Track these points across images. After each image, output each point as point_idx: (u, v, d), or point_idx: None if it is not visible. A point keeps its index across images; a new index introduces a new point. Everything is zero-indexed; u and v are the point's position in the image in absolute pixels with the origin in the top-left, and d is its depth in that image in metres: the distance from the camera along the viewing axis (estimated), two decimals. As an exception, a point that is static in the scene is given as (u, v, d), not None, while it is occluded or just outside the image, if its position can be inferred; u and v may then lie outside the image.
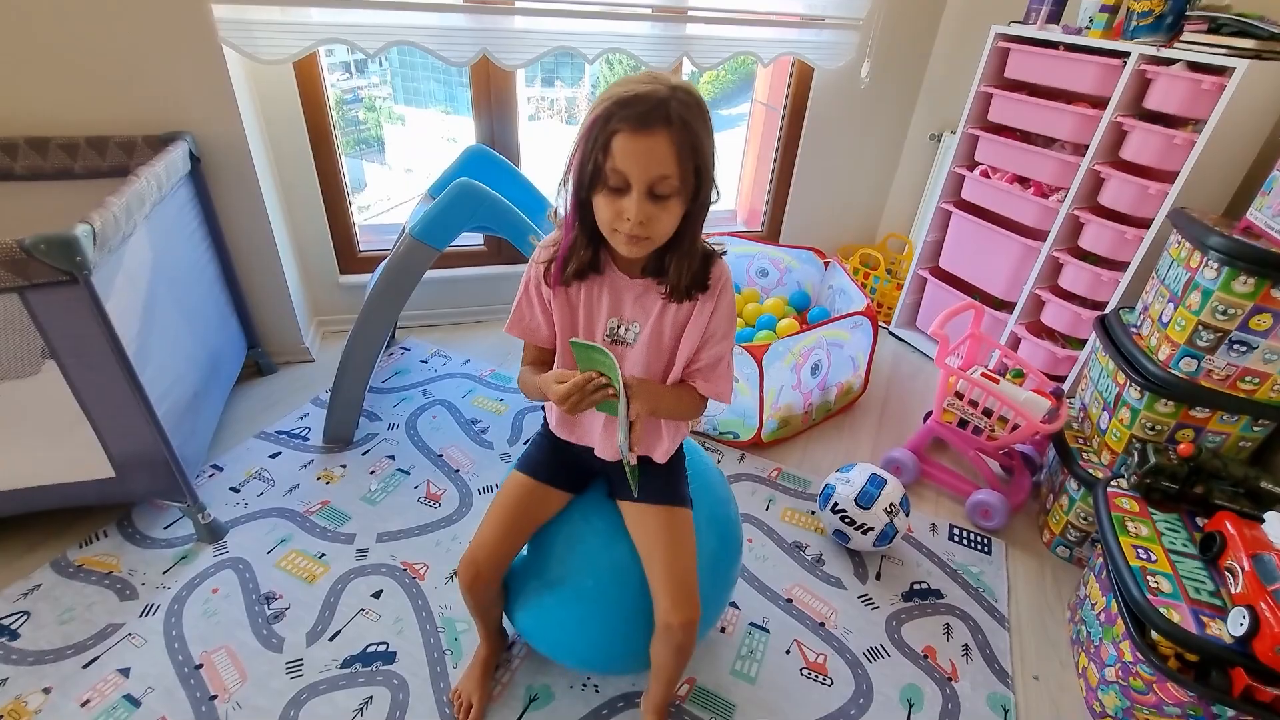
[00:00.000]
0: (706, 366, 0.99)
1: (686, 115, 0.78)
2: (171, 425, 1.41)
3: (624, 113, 0.76)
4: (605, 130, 0.78)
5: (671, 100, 0.77)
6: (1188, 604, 1.18)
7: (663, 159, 0.78)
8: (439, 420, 1.98)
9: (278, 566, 1.49)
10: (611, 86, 0.80)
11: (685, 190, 0.82)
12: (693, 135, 0.78)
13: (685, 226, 0.87)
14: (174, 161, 1.56)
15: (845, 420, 2.15)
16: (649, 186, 0.79)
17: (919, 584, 1.58)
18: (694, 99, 0.80)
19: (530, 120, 5.14)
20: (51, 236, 1.09)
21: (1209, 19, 1.62)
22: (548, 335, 1.02)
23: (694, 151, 0.79)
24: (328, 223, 2.19)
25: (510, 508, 1.10)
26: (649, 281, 0.94)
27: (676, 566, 1.02)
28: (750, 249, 2.48)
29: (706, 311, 0.95)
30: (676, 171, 0.79)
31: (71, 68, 1.58)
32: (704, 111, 0.82)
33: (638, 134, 0.77)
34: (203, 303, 1.76)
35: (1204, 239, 1.40)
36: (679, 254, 0.89)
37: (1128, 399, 1.56)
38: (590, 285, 0.95)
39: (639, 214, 0.80)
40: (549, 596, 1.13)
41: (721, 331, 0.97)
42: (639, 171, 0.78)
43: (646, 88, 0.77)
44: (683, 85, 0.80)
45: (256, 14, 1.66)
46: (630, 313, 0.97)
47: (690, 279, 0.91)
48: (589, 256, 0.92)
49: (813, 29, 2.29)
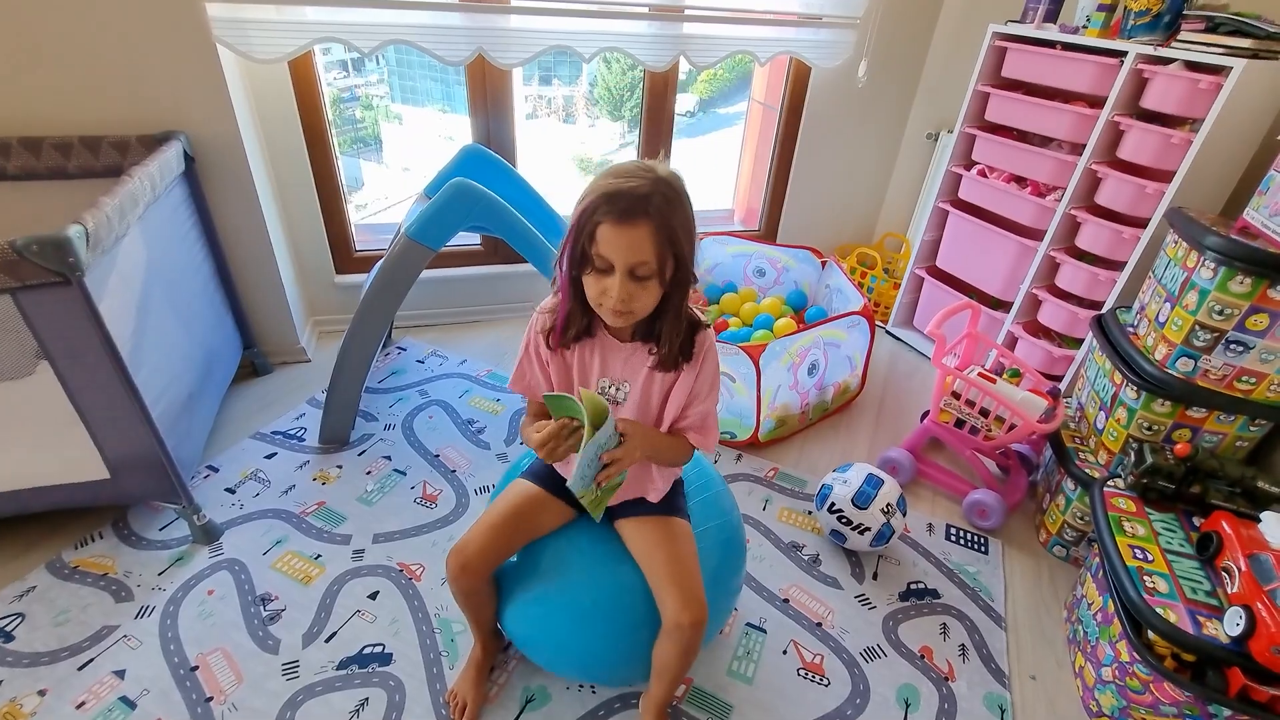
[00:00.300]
0: (695, 423, 1.07)
1: (665, 209, 0.86)
2: (166, 426, 1.41)
3: (608, 207, 0.85)
4: (591, 221, 0.86)
5: (653, 196, 0.85)
6: (1184, 604, 1.19)
7: (642, 248, 0.86)
8: (435, 420, 1.98)
9: (273, 568, 1.48)
10: (600, 177, 0.88)
11: (663, 274, 0.90)
12: (669, 228, 0.86)
13: (669, 300, 0.95)
14: (168, 161, 1.55)
15: (842, 420, 2.15)
16: (630, 269, 0.87)
17: (916, 584, 1.58)
18: (675, 193, 0.88)
19: (528, 119, 5.15)
20: (44, 238, 1.08)
21: (1206, 18, 1.62)
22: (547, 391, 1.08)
23: (670, 242, 0.87)
24: (323, 222, 2.18)
25: (510, 508, 1.12)
26: (636, 344, 1.02)
27: (680, 567, 1.06)
28: (747, 248, 2.47)
29: (691, 376, 1.03)
30: (654, 258, 0.87)
31: (65, 67, 1.57)
32: (683, 203, 0.90)
33: (620, 226, 0.85)
34: (197, 303, 1.75)
35: (1201, 239, 1.40)
36: (666, 324, 0.97)
37: (1124, 399, 1.56)
38: (584, 348, 1.04)
39: (621, 293, 0.88)
40: (546, 612, 1.12)
41: (705, 391, 1.05)
42: (620, 258, 0.86)
43: (631, 183, 0.85)
44: (665, 179, 0.87)
45: (251, 12, 1.65)
46: (620, 373, 1.04)
47: (678, 349, 0.99)
48: (584, 324, 1.00)
49: (810, 28, 2.29)
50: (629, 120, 5.22)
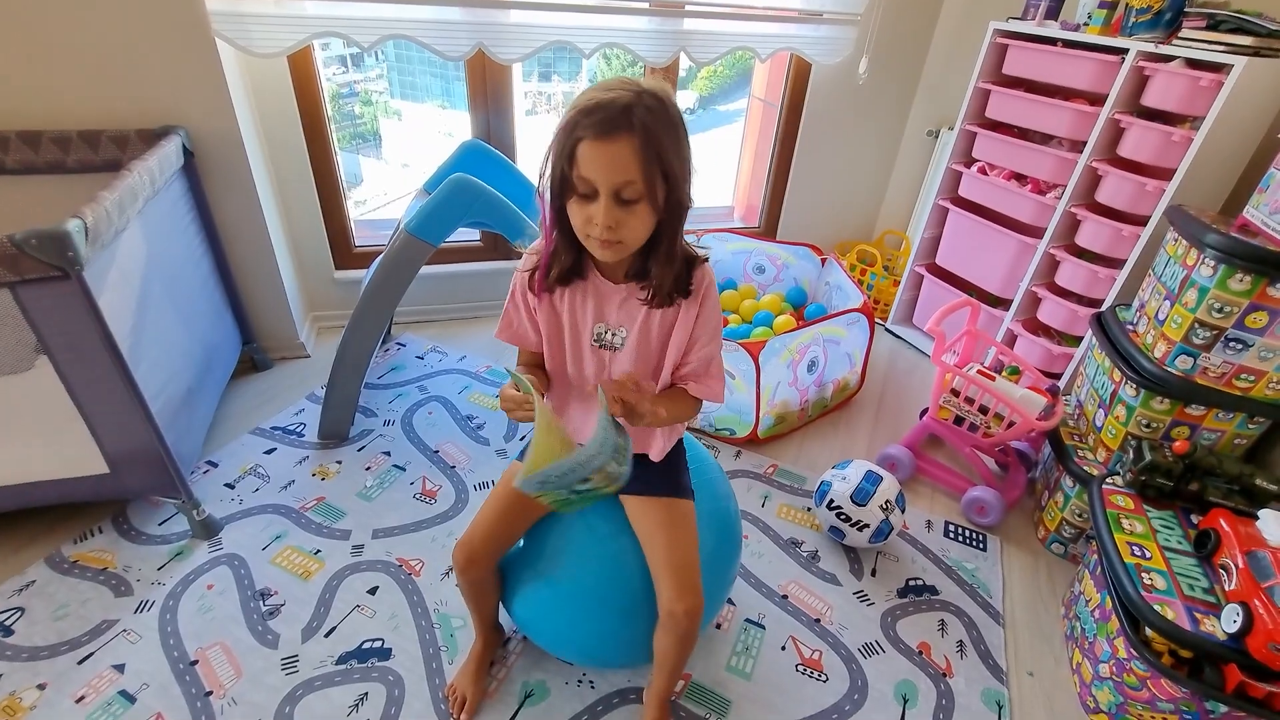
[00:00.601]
0: (697, 369, 1.01)
1: (650, 121, 0.78)
2: (166, 421, 1.41)
3: (587, 121, 0.77)
4: (570, 139, 0.79)
5: (636, 107, 0.77)
6: (1182, 601, 1.19)
7: (626, 165, 0.78)
8: (435, 416, 1.98)
9: (273, 563, 1.48)
10: (580, 95, 0.80)
11: (653, 195, 0.81)
12: (656, 141, 0.78)
13: (661, 231, 0.87)
14: (167, 156, 1.55)
15: (841, 417, 2.15)
16: (615, 191, 0.80)
17: (914, 580, 1.58)
18: (660, 104, 0.80)
19: (527, 115, 5.12)
20: (43, 232, 1.08)
21: (1207, 15, 1.61)
22: (536, 340, 1.03)
23: (658, 157, 0.79)
24: (323, 218, 2.18)
25: (509, 496, 1.10)
26: (632, 286, 0.95)
27: (678, 555, 1.04)
28: (747, 245, 2.47)
29: (691, 315, 0.96)
30: (641, 177, 0.79)
31: (64, 61, 1.57)
32: (671, 117, 0.81)
33: (600, 141, 0.77)
34: (197, 298, 1.75)
35: (1201, 236, 1.40)
36: (658, 259, 0.90)
37: (1123, 396, 1.56)
38: (574, 292, 0.97)
39: (606, 219, 0.80)
40: (549, 590, 1.13)
41: (708, 334, 0.99)
42: (603, 177, 0.79)
43: (610, 95, 0.78)
44: (650, 90, 0.80)
45: (250, 6, 1.65)
46: (616, 318, 0.98)
47: (672, 284, 0.92)
48: (570, 262, 0.93)
49: (810, 24, 2.28)
50: (629, 116, 5.20)
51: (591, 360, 1.02)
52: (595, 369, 1.03)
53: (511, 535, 1.12)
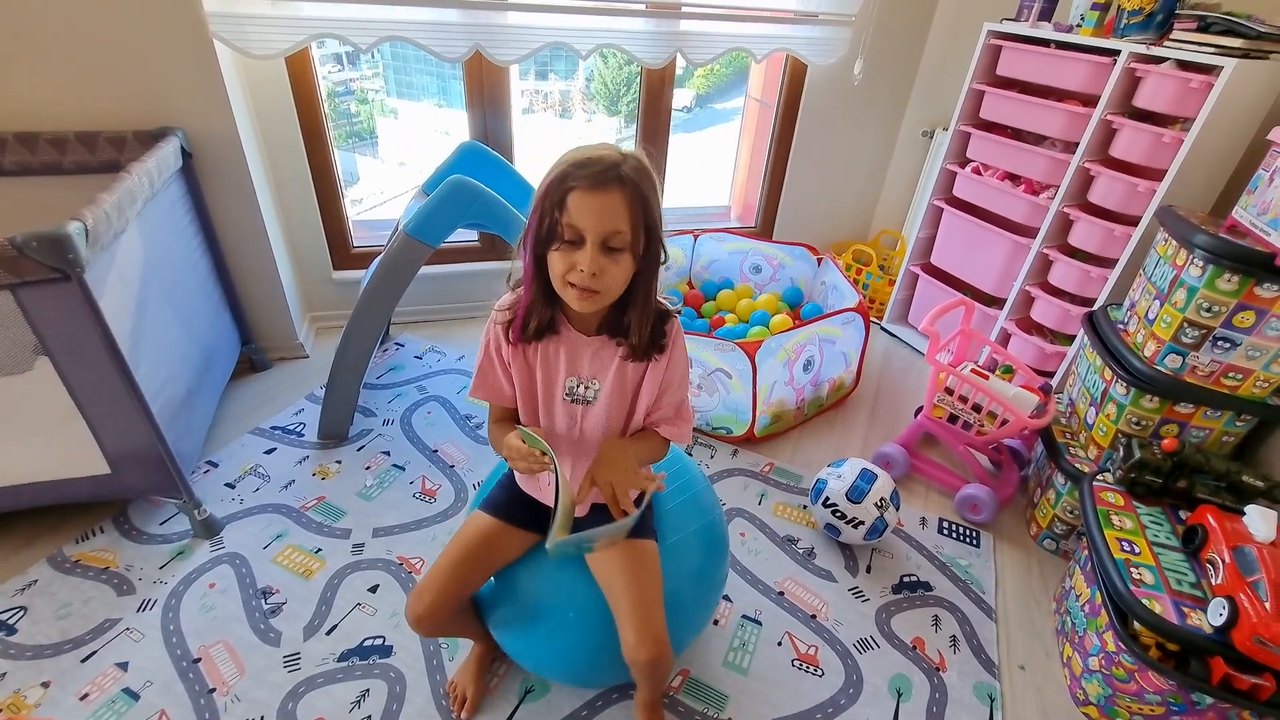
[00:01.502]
0: (668, 413, 1.04)
1: (637, 178, 0.84)
2: (166, 421, 1.42)
3: (580, 172, 0.82)
4: (561, 188, 0.83)
5: (624, 164, 0.83)
6: (1169, 595, 1.21)
7: (616, 215, 0.83)
8: (434, 416, 1.99)
9: (274, 562, 1.50)
10: (565, 153, 0.86)
11: (635, 247, 0.86)
12: (642, 197, 0.84)
13: (639, 283, 0.92)
14: (165, 157, 1.55)
15: (837, 415, 2.17)
16: (602, 240, 0.84)
17: (908, 577, 1.60)
18: (644, 167, 0.86)
19: (524, 114, 5.13)
20: (43, 234, 1.09)
21: (1198, 18, 1.63)
22: (511, 395, 1.04)
23: (644, 211, 0.84)
24: (321, 219, 2.18)
25: (468, 548, 1.07)
26: (604, 339, 0.98)
27: (639, 601, 1.01)
28: (744, 245, 2.49)
29: (662, 365, 1.00)
30: (628, 227, 0.84)
31: (61, 62, 1.57)
32: (653, 179, 0.87)
33: (592, 191, 0.82)
34: (196, 299, 1.76)
35: (1190, 237, 1.42)
36: (636, 311, 0.94)
37: (1114, 395, 1.58)
38: (547, 345, 0.99)
39: (592, 265, 0.84)
40: (529, 620, 1.11)
41: (678, 381, 1.03)
42: (593, 225, 0.83)
43: (598, 153, 0.83)
44: (634, 154, 0.86)
45: (247, 8, 1.65)
46: (588, 370, 1.00)
47: (649, 339, 0.96)
48: (547, 316, 0.95)
49: (806, 25, 2.29)
50: (625, 115, 5.22)
51: (563, 415, 1.03)
52: (566, 424, 1.03)
53: (468, 587, 1.08)
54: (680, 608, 1.08)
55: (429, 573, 1.06)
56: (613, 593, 1.03)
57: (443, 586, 1.04)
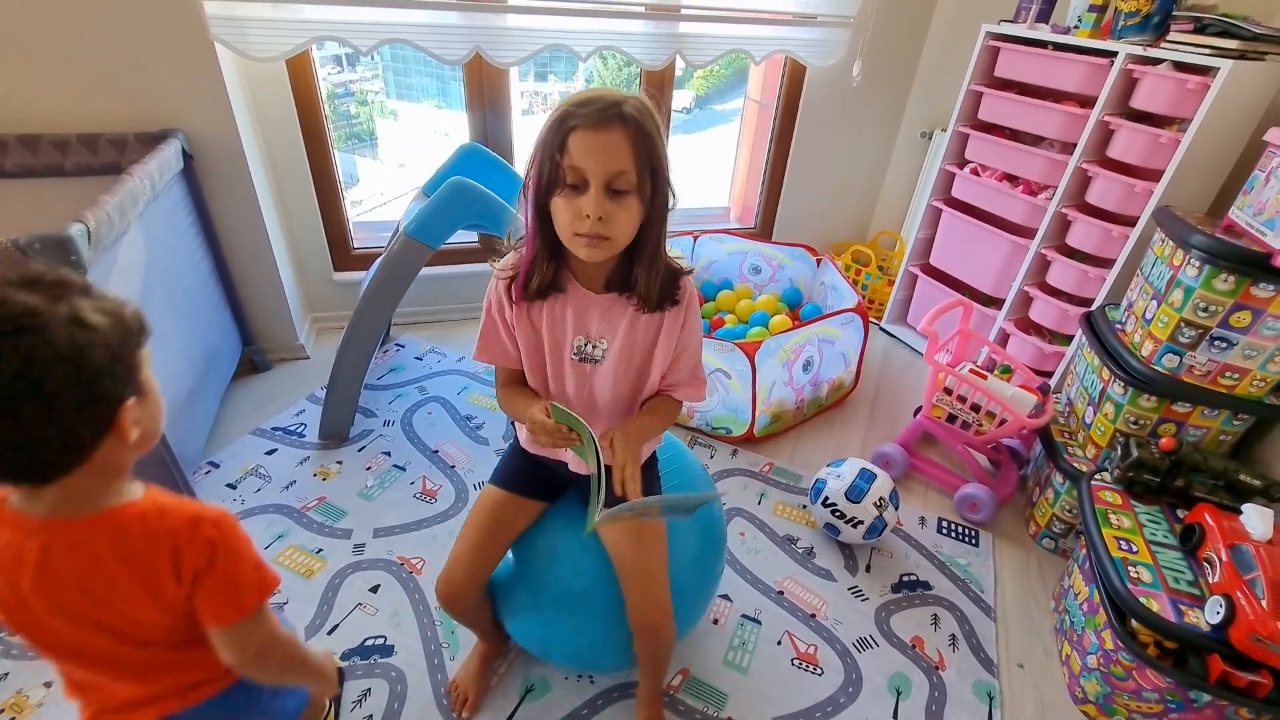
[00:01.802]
0: (684, 376, 1.02)
1: (640, 117, 0.80)
2: (168, 423, 1.41)
3: (580, 111, 0.78)
4: (562, 129, 0.79)
5: (626, 103, 0.80)
6: (1167, 593, 1.22)
7: (619, 154, 0.79)
8: (434, 416, 1.99)
9: (275, 562, 1.50)
10: (565, 98, 0.82)
11: (642, 190, 0.82)
12: (647, 136, 0.80)
13: (647, 232, 0.87)
14: (166, 159, 1.56)
15: (836, 415, 2.18)
16: (607, 182, 0.79)
17: (908, 576, 1.61)
18: (647, 107, 0.82)
19: (524, 114, 5.12)
20: (46, 236, 1.09)
21: (1195, 19, 1.64)
22: (517, 356, 1.00)
23: (649, 151, 0.80)
24: (321, 220, 2.19)
25: (484, 522, 1.10)
26: (614, 295, 0.93)
27: (645, 572, 1.04)
28: (743, 246, 2.49)
29: (678, 324, 0.96)
30: (633, 167, 0.80)
31: (63, 64, 1.58)
32: (656, 119, 0.84)
33: (594, 130, 0.78)
34: (197, 300, 1.76)
35: (1186, 237, 1.43)
36: (645, 262, 0.90)
37: (1112, 394, 1.59)
38: (553, 304, 0.94)
39: (597, 209, 0.79)
40: (539, 602, 1.14)
41: (695, 342, 1.01)
42: (596, 165, 0.79)
43: (600, 92, 0.80)
44: (635, 95, 0.83)
45: (248, 10, 1.66)
46: (597, 329, 0.96)
47: (661, 290, 0.92)
48: (551, 273, 0.90)
49: (804, 27, 2.30)
50: (625, 116, 5.22)
51: (572, 375, 1.00)
52: (576, 384, 1.00)
53: (492, 560, 1.11)
54: (678, 594, 1.09)
55: (453, 553, 1.09)
56: (623, 562, 1.06)
57: (470, 559, 1.08)
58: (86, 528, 0.67)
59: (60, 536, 0.66)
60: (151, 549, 0.68)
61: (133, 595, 0.68)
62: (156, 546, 0.68)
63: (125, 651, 0.72)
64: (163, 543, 0.68)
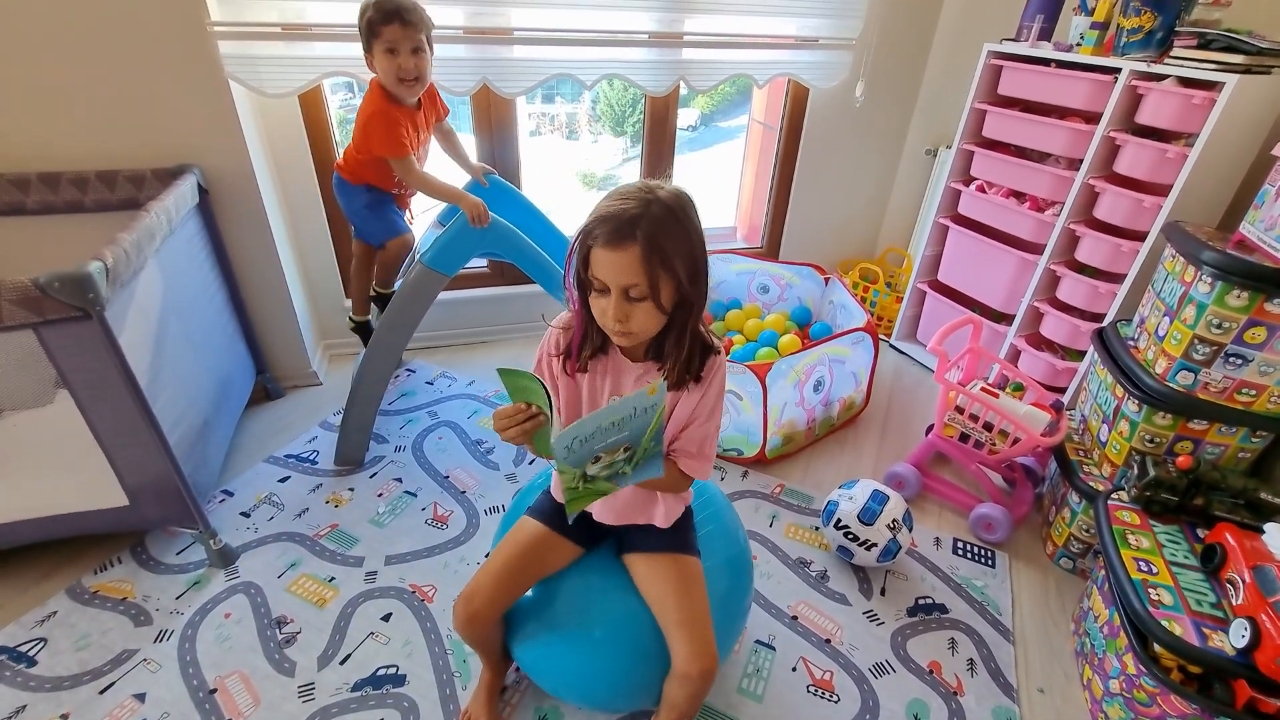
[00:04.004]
0: (689, 446, 1.04)
1: (655, 231, 0.85)
2: (183, 453, 1.44)
3: (599, 230, 0.86)
4: (585, 244, 0.89)
5: (644, 218, 0.85)
6: (1189, 616, 1.19)
7: (631, 270, 0.86)
8: (445, 441, 2.00)
9: (288, 591, 1.51)
10: (602, 199, 0.90)
11: (656, 295, 0.89)
12: (660, 251, 0.86)
13: (674, 322, 0.94)
14: (183, 195, 1.59)
15: (848, 435, 2.17)
16: (623, 290, 0.88)
17: (924, 599, 1.59)
18: (671, 215, 0.87)
19: (531, 136, 5.20)
20: (65, 274, 1.12)
21: (1198, 34, 1.64)
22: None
23: (663, 264, 0.87)
24: (333, 247, 2.22)
25: (518, 552, 1.11)
26: (649, 364, 1.01)
27: (691, 614, 1.05)
28: (751, 266, 2.50)
29: (695, 397, 1.01)
30: (644, 280, 0.87)
31: (84, 105, 1.63)
32: (681, 222, 0.89)
33: (608, 249, 0.86)
34: (212, 330, 1.79)
35: (1198, 254, 1.42)
36: (673, 340, 0.97)
37: (1126, 412, 1.57)
38: (595, 367, 1.03)
39: (616, 313, 0.89)
40: (556, 642, 1.12)
41: (706, 414, 1.03)
42: (612, 278, 0.88)
43: (623, 205, 0.86)
44: (664, 201, 0.87)
45: (262, 49, 1.70)
46: (629, 392, 1.01)
47: (684, 368, 0.98)
48: (600, 342, 1.00)
49: (807, 50, 2.33)
50: (631, 136, 5.28)
51: None
52: None
53: (516, 592, 1.11)
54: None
55: (479, 576, 1.10)
56: (664, 608, 1.06)
57: (494, 588, 1.08)
58: None
59: None
60: None
61: None
62: None
63: None
64: None
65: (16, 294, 1.11)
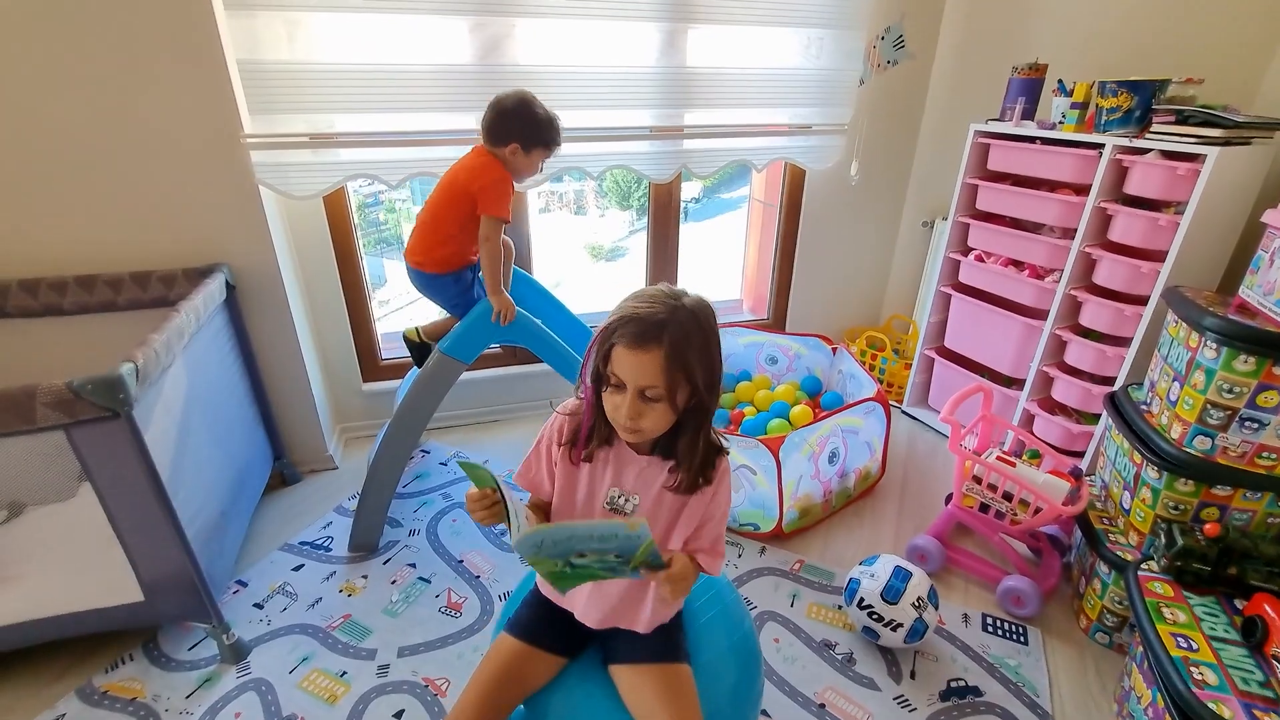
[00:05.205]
0: (704, 545, 1.05)
1: (678, 337, 0.89)
2: (200, 546, 1.44)
3: (624, 330, 0.89)
4: (608, 341, 0.91)
5: (669, 324, 0.89)
6: (1237, 696, 1.14)
7: (651, 372, 0.89)
8: (459, 524, 1.99)
9: (299, 687, 1.47)
10: (627, 299, 0.93)
11: (672, 398, 0.92)
12: (682, 357, 0.89)
13: (687, 425, 0.97)
14: (211, 293, 1.67)
15: (866, 505, 2.13)
16: (640, 390, 0.91)
17: (956, 681, 1.52)
18: (695, 324, 0.91)
19: (541, 213, 5.39)
20: (98, 379, 1.16)
21: (1175, 111, 1.71)
22: (549, 491, 1.08)
23: (683, 370, 0.89)
24: (351, 334, 2.29)
25: (495, 675, 1.06)
26: (654, 458, 1.02)
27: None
28: (758, 338, 2.54)
29: (706, 498, 1.02)
30: (663, 383, 0.89)
31: (121, 208, 1.73)
32: (703, 331, 0.92)
33: (631, 350, 0.89)
34: (233, 420, 1.83)
35: (1199, 320, 1.43)
36: (682, 449, 0.98)
37: (1147, 479, 1.55)
38: (599, 454, 1.03)
39: (630, 411, 0.91)
40: None
41: (718, 515, 1.05)
42: (630, 378, 0.90)
43: (649, 309, 0.90)
44: (688, 309, 0.91)
45: (291, 157, 1.82)
46: (632, 484, 1.03)
47: (697, 471, 0.99)
48: (606, 434, 1.01)
49: (801, 135, 2.44)
50: (637, 209, 5.47)
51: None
52: None
53: (501, 713, 1.05)
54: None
55: (459, 703, 1.04)
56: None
57: (476, 715, 1.03)
58: None
59: None
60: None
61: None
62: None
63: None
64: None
65: (51, 397, 1.16)
